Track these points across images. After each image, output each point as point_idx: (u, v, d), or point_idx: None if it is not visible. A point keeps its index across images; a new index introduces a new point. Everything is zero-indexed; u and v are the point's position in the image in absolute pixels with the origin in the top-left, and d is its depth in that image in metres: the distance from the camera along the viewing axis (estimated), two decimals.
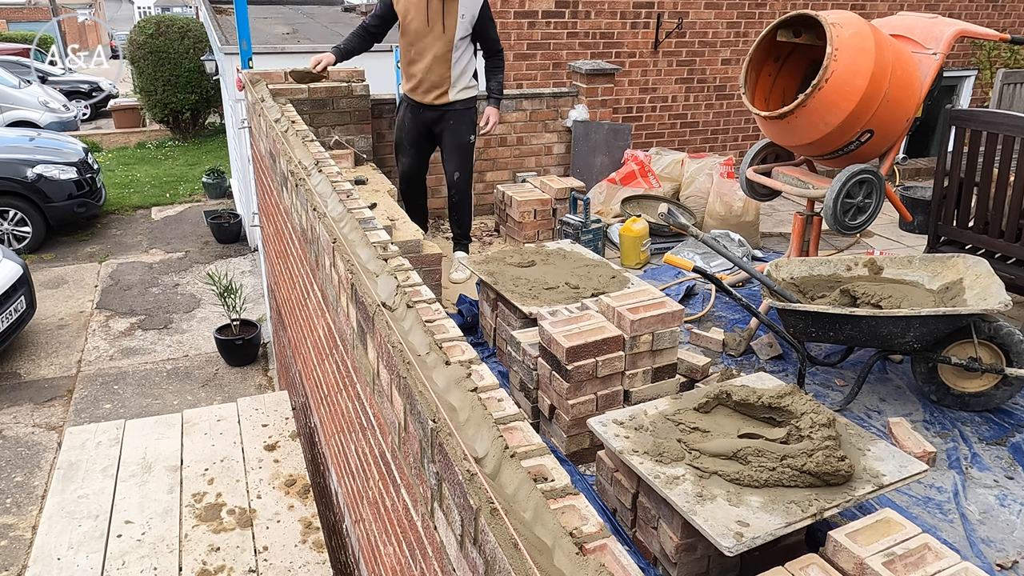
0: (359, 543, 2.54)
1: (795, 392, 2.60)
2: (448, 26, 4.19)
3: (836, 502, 2.24)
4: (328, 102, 4.91)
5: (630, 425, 2.56)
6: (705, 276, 3.25)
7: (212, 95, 15.01)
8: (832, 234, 5.47)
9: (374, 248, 2.08)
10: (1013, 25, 8.46)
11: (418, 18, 4.21)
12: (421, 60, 4.32)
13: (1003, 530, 2.67)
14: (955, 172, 4.16)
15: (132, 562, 2.62)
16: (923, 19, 3.85)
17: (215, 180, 12.18)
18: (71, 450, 3.24)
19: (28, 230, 9.96)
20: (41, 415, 6.60)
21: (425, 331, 1.62)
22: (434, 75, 4.34)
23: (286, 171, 3.21)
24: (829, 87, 3.33)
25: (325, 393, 2.95)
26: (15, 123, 14.34)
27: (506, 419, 1.37)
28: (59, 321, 8.23)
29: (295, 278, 3.53)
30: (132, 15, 36.90)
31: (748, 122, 7.72)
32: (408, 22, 4.25)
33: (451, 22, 4.18)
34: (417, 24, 4.23)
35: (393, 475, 1.79)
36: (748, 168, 4.06)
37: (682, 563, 2.34)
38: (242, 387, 7.09)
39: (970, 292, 3.25)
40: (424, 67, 4.33)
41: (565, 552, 1.05)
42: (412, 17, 4.23)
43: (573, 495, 1.19)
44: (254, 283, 9.10)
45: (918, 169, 7.93)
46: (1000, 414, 3.30)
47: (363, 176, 4.60)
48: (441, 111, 4.46)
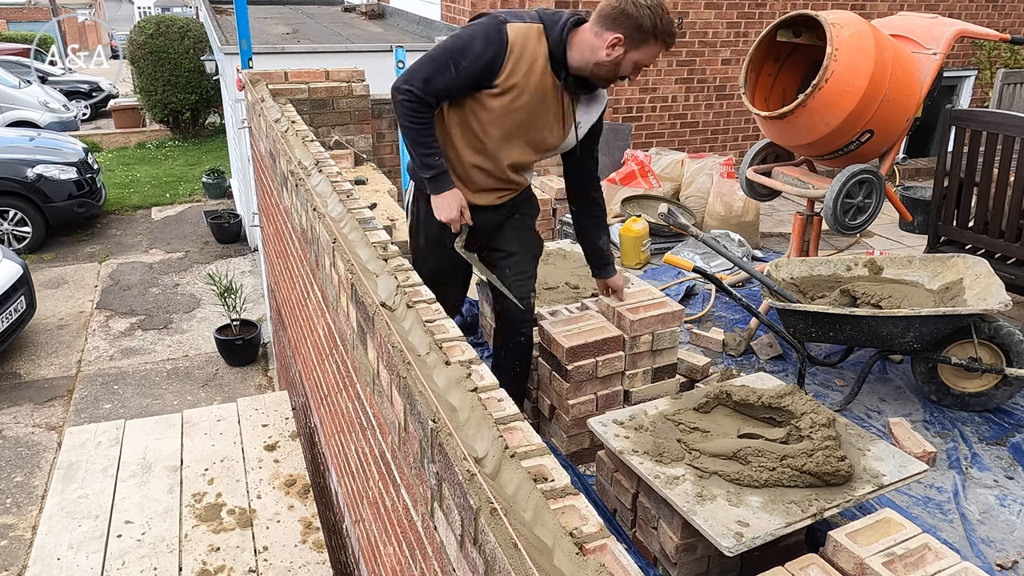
0: (359, 543, 2.54)
1: (795, 392, 2.60)
2: (567, 127, 2.81)
3: (836, 502, 2.24)
4: (328, 102, 4.91)
5: (630, 425, 2.56)
6: (705, 276, 3.24)
7: (212, 95, 15.00)
8: (832, 234, 5.47)
9: (374, 248, 2.08)
10: (1013, 25, 8.46)
11: (531, 105, 2.69)
12: (502, 156, 2.78)
13: (1003, 530, 2.67)
14: (955, 172, 4.16)
15: (132, 562, 2.62)
16: (923, 19, 3.85)
17: (215, 180, 12.18)
18: (71, 450, 3.23)
19: (28, 230, 9.96)
20: (41, 415, 6.59)
21: (425, 331, 1.62)
22: (509, 177, 2.84)
23: (286, 171, 3.20)
24: (829, 87, 3.33)
25: (325, 393, 2.95)
26: (15, 123, 14.34)
27: (506, 419, 1.37)
28: (59, 321, 8.23)
29: (295, 278, 3.53)
30: (132, 15, 36.92)
31: (748, 122, 7.72)
32: (510, 102, 2.67)
33: (569, 122, 2.80)
34: (525, 115, 2.71)
35: (393, 475, 1.79)
36: (748, 168, 4.06)
37: (682, 563, 2.34)
38: (242, 387, 7.09)
39: (970, 292, 3.25)
40: (502, 166, 2.80)
41: (565, 552, 1.05)
42: (522, 101, 2.67)
43: (573, 495, 1.19)
44: (254, 283, 9.10)
45: (918, 169, 7.93)
46: (1000, 414, 3.30)
47: (363, 176, 4.60)
48: (502, 207, 2.93)
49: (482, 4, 6.49)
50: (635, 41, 2.53)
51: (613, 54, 2.55)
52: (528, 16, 2.67)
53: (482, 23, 2.67)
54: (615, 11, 2.52)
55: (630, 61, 2.58)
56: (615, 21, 2.51)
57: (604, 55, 2.55)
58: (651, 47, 2.56)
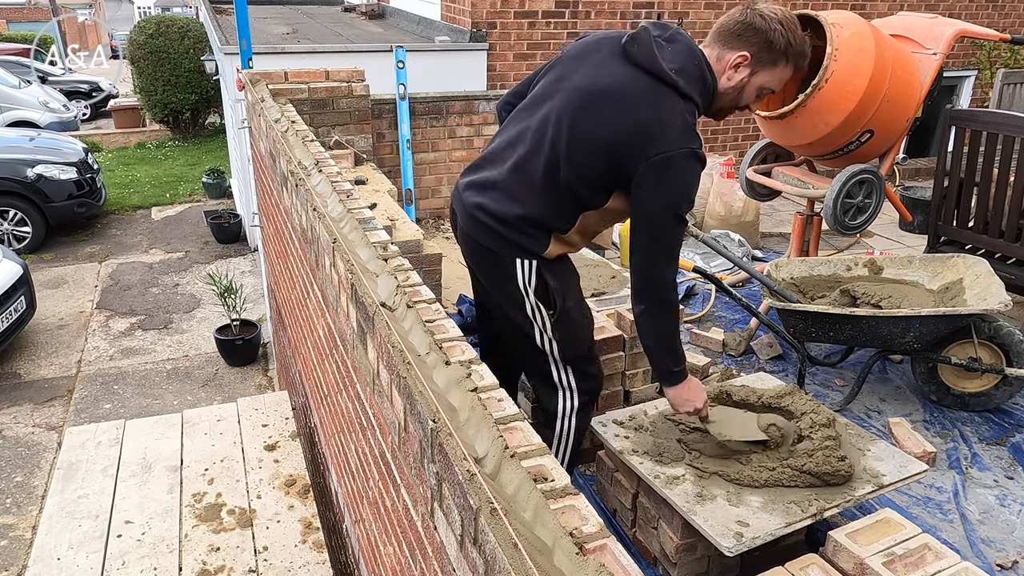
0: (359, 543, 2.54)
1: (795, 392, 2.60)
2: None
3: (836, 502, 2.24)
4: (328, 102, 4.91)
5: (630, 425, 2.56)
6: (705, 276, 3.25)
7: (212, 95, 15.00)
8: (832, 234, 5.47)
9: (374, 248, 2.08)
10: (1013, 25, 8.46)
11: None
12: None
13: (1003, 530, 2.67)
14: (955, 172, 4.16)
15: (132, 562, 2.62)
16: (923, 19, 3.85)
17: (215, 180, 12.18)
18: (71, 450, 3.23)
19: (28, 230, 9.96)
20: (41, 415, 6.59)
21: (425, 331, 1.62)
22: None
23: (286, 171, 3.20)
24: (829, 87, 3.33)
25: (325, 393, 2.94)
26: (15, 123, 14.33)
27: (506, 419, 1.37)
28: (59, 321, 8.23)
29: (295, 278, 3.53)
30: (132, 15, 36.94)
31: (748, 122, 7.72)
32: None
33: None
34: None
35: (393, 475, 1.79)
36: (748, 168, 4.06)
37: (682, 563, 2.34)
38: (242, 387, 7.08)
39: (970, 292, 3.25)
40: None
41: (565, 552, 1.05)
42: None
43: (573, 495, 1.19)
44: (254, 283, 9.09)
45: (918, 169, 7.93)
46: (1000, 414, 3.30)
47: (363, 176, 4.60)
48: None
49: (482, 4, 6.50)
50: (763, 62, 2.18)
51: (736, 77, 2.19)
52: (689, 114, 2.11)
53: (686, 167, 2.09)
54: (740, 26, 2.17)
55: (755, 86, 2.22)
56: (739, 38, 2.17)
57: (725, 80, 2.20)
58: (781, 69, 2.20)
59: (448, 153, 5.79)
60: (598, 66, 2.20)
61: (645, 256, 2.17)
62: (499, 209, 2.27)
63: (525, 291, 2.30)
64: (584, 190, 2.21)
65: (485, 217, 2.29)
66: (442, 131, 5.70)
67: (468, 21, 6.58)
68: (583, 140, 2.15)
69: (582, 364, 2.45)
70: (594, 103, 2.15)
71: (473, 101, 5.75)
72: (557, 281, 2.30)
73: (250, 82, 4.68)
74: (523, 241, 2.26)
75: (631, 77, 2.14)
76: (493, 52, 6.60)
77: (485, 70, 6.65)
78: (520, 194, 2.26)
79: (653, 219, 2.14)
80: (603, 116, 2.13)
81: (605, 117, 2.13)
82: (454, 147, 5.79)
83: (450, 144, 5.77)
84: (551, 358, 2.42)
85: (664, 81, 2.11)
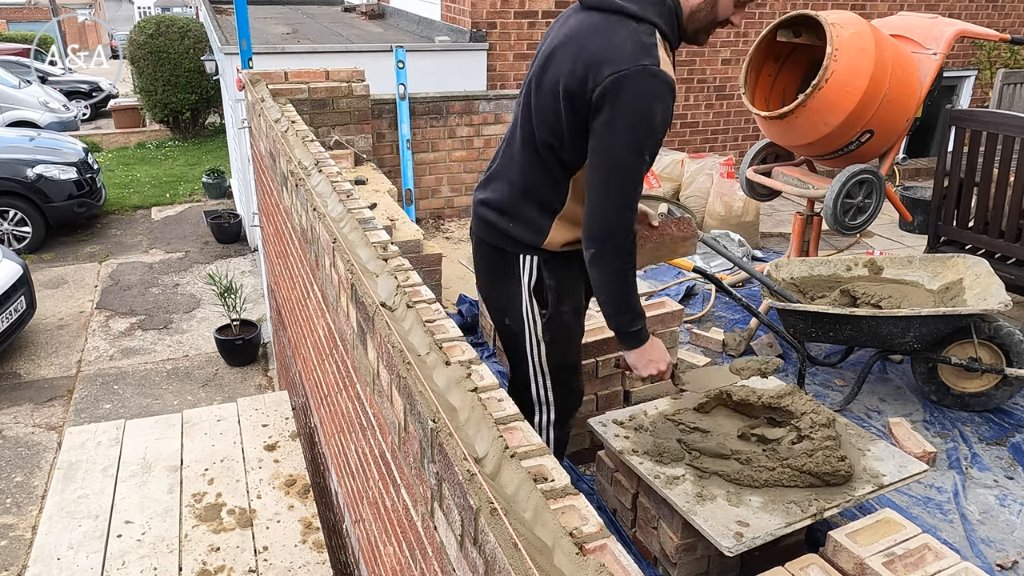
0: (359, 543, 2.54)
1: (795, 392, 2.60)
2: None
3: (836, 502, 2.24)
4: (328, 102, 4.91)
5: (630, 425, 2.56)
6: (705, 276, 3.25)
7: (212, 95, 15.00)
8: (832, 234, 5.47)
9: (374, 248, 2.08)
10: (1013, 25, 8.46)
11: None
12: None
13: (1003, 530, 2.67)
14: (955, 172, 4.16)
15: (132, 562, 2.62)
16: (923, 19, 3.85)
17: (215, 180, 12.18)
18: (71, 450, 3.23)
19: (28, 230, 9.96)
20: (41, 415, 6.59)
21: (425, 331, 1.62)
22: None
23: (286, 171, 3.20)
24: (829, 87, 3.33)
25: (325, 393, 2.94)
26: (15, 123, 14.33)
27: (506, 419, 1.37)
28: (59, 321, 8.23)
29: (295, 278, 3.52)
30: (132, 15, 36.93)
31: (748, 122, 7.72)
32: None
33: None
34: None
35: (393, 475, 1.79)
36: (748, 168, 4.06)
37: (682, 563, 2.34)
38: (242, 387, 7.08)
39: (970, 292, 3.25)
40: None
41: (565, 552, 1.05)
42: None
43: (573, 495, 1.19)
44: (254, 283, 9.09)
45: (918, 169, 7.93)
46: (1000, 414, 3.30)
47: (363, 176, 4.60)
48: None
49: (482, 4, 6.49)
50: None
51: None
52: (645, 34, 1.98)
53: (642, 86, 1.92)
54: None
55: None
56: None
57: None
58: None
59: (448, 153, 5.79)
60: (559, 28, 2.16)
61: (599, 194, 2.00)
62: (496, 197, 2.25)
63: (524, 288, 2.28)
64: (561, 148, 2.10)
65: (487, 212, 2.28)
66: (442, 131, 5.70)
67: (468, 21, 6.58)
68: (546, 93, 2.08)
69: (566, 374, 2.39)
70: (552, 57, 2.09)
71: (473, 101, 5.75)
72: (556, 281, 2.29)
73: (250, 82, 4.68)
74: (524, 234, 2.22)
75: (584, 21, 2.06)
76: (493, 52, 6.60)
77: (485, 70, 6.64)
78: (510, 173, 2.23)
79: (611, 152, 1.96)
80: (559, 64, 2.05)
81: (560, 64, 2.05)
82: (454, 147, 5.79)
83: (450, 144, 5.77)
84: (534, 366, 2.35)
85: (615, 11, 2.01)
